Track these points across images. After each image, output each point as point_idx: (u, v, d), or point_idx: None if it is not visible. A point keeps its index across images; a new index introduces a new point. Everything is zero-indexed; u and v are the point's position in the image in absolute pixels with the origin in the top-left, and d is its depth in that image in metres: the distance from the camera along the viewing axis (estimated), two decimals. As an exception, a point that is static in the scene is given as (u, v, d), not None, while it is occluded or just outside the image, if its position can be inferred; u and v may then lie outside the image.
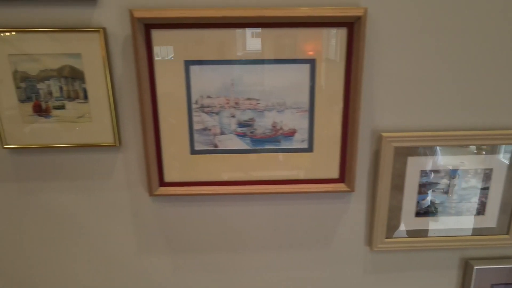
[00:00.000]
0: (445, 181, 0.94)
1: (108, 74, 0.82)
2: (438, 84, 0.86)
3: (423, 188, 0.94)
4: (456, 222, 0.98)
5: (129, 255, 0.98)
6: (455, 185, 0.94)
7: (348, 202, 0.96)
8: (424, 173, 0.93)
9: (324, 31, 0.81)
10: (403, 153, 0.91)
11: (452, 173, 0.93)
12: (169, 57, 0.81)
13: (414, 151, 0.91)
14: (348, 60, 0.83)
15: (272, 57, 0.82)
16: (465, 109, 0.88)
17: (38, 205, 0.92)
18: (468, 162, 0.93)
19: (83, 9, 0.79)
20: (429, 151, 0.91)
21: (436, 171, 0.93)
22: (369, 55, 0.84)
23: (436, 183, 0.94)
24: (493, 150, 0.91)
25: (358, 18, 0.79)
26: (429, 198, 0.95)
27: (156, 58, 0.81)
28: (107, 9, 0.79)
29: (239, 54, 0.82)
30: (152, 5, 0.80)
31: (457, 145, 0.90)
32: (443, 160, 0.92)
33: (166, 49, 0.81)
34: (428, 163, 0.92)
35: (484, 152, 0.92)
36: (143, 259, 0.98)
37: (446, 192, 0.95)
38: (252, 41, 0.81)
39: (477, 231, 0.98)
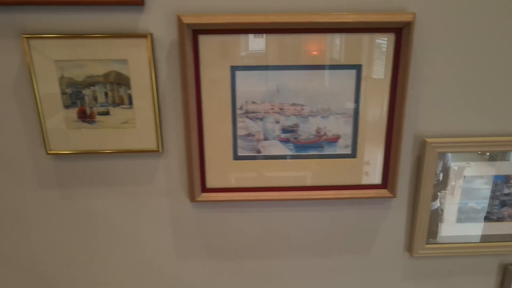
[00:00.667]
0: (487, 187, 0.93)
1: (154, 79, 0.81)
2: (483, 89, 0.86)
3: (464, 194, 0.94)
4: (497, 227, 0.97)
5: (168, 260, 0.97)
6: (497, 191, 0.93)
7: (388, 208, 0.95)
8: (466, 179, 0.92)
9: (372, 37, 0.81)
10: (446, 159, 0.90)
11: (495, 179, 0.92)
12: (214, 63, 0.81)
13: (457, 157, 0.90)
14: (395, 66, 0.83)
15: (318, 62, 0.82)
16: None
17: (79, 210, 0.92)
18: (508, 167, 0.92)
19: (130, 15, 0.79)
20: (474, 156, 0.90)
21: (479, 177, 0.92)
22: (415, 59, 0.83)
23: (479, 189, 0.93)
24: (537, 155, 0.91)
25: (407, 23, 0.78)
26: (470, 204, 0.94)
27: (202, 63, 0.81)
28: (153, 14, 0.79)
29: (285, 60, 0.81)
30: (198, 10, 0.79)
31: (503, 150, 0.89)
32: (486, 166, 0.91)
33: (213, 54, 0.80)
34: (471, 168, 0.91)
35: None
36: (182, 264, 0.98)
37: (488, 198, 0.94)
38: (298, 47, 0.81)
39: (517, 237, 0.98)
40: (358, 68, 0.83)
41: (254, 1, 0.78)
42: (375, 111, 0.86)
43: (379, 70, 0.83)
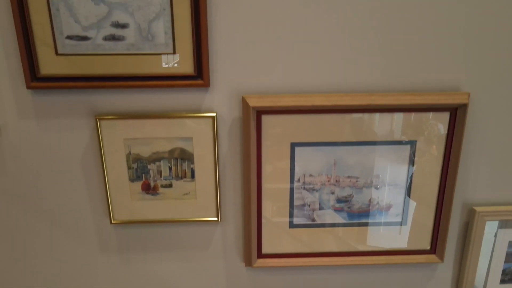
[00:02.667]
0: (532, 251, 0.96)
1: (216, 154, 0.84)
2: (532, 162, 0.89)
3: (509, 257, 0.96)
4: (540, 288, 1.00)
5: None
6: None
7: (434, 270, 0.98)
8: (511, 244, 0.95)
9: (427, 115, 0.84)
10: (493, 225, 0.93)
11: (540, 244, 0.95)
12: (276, 139, 0.84)
13: (504, 223, 0.93)
14: (448, 141, 0.86)
15: (374, 139, 0.85)
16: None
17: (138, 273, 0.95)
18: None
19: (196, 95, 0.82)
20: (519, 224, 0.93)
21: (524, 242, 0.95)
22: (467, 133, 0.86)
23: (524, 254, 0.96)
24: None
25: (462, 105, 0.81)
26: (514, 266, 0.97)
27: (264, 141, 0.84)
28: (218, 94, 0.82)
29: (343, 136, 0.84)
30: (260, 90, 0.82)
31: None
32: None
33: (274, 132, 0.84)
34: (516, 234, 0.94)
35: None
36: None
37: (532, 261, 0.97)
38: (356, 124, 0.84)
39: (559, 297, 1.00)
40: (412, 143, 0.86)
41: (314, 82, 0.82)
42: (427, 182, 0.89)
43: (432, 145, 0.86)
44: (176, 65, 0.79)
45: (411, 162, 0.87)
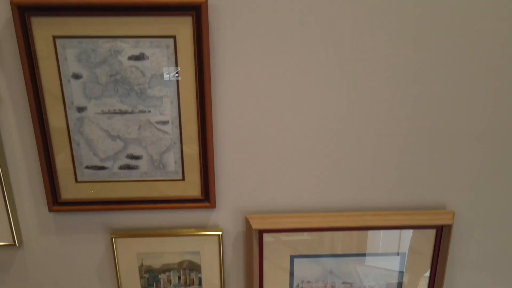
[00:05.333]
0: None
1: (222, 264, 0.92)
2: (513, 268, 0.96)
3: None
4: None
5: None
6: None
7: None
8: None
9: (414, 232, 0.91)
10: (477, 323, 1.00)
11: None
12: (276, 254, 0.92)
13: (487, 322, 1.00)
14: (435, 252, 0.93)
15: (365, 251, 0.92)
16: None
17: None
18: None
19: (203, 214, 0.89)
20: (502, 321, 1.01)
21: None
22: (453, 242, 0.93)
23: None
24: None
25: (448, 225, 0.89)
26: None
27: (266, 255, 0.91)
28: (223, 213, 0.90)
29: (337, 249, 0.92)
30: (262, 208, 0.89)
31: (530, 323, 0.99)
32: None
33: (275, 248, 0.91)
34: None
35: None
36: None
37: None
38: (350, 239, 0.91)
39: None
40: (402, 255, 0.93)
41: (311, 202, 0.89)
42: (416, 286, 0.96)
43: (420, 256, 0.93)
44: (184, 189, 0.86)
45: (401, 269, 0.95)
